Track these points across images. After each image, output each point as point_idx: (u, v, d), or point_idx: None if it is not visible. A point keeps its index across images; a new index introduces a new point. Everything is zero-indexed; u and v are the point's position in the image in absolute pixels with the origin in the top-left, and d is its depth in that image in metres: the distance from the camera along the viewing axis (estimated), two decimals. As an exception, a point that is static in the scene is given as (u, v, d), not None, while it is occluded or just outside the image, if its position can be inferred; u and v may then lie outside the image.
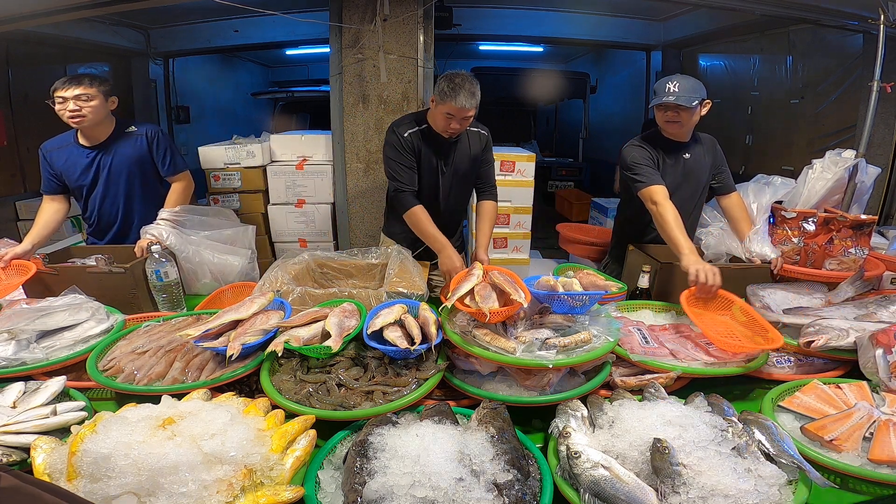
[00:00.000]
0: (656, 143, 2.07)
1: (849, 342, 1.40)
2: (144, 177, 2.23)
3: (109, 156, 2.16)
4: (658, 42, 5.81)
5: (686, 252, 1.73)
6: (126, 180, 2.20)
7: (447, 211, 2.25)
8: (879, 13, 2.67)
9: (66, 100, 1.99)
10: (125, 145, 2.17)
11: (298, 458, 1.01)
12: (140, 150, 2.19)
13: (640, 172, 1.98)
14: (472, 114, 1.96)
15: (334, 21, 3.05)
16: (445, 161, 2.15)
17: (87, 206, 2.26)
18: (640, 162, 2.00)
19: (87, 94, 2.01)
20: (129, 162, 2.18)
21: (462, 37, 5.15)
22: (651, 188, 1.94)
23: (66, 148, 2.16)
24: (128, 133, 2.19)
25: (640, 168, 1.99)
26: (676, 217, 1.84)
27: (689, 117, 1.96)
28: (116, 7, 3.05)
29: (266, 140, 3.40)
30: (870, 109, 2.73)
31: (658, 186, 1.94)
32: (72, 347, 1.43)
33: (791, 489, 0.96)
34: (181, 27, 5.33)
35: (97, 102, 2.04)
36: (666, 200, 1.89)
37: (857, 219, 1.86)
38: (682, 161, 2.07)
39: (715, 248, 2.04)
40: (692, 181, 2.11)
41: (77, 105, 2.00)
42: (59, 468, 0.92)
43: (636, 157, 2.01)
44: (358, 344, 1.40)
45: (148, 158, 2.22)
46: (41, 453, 0.95)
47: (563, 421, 1.11)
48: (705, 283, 1.62)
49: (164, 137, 2.25)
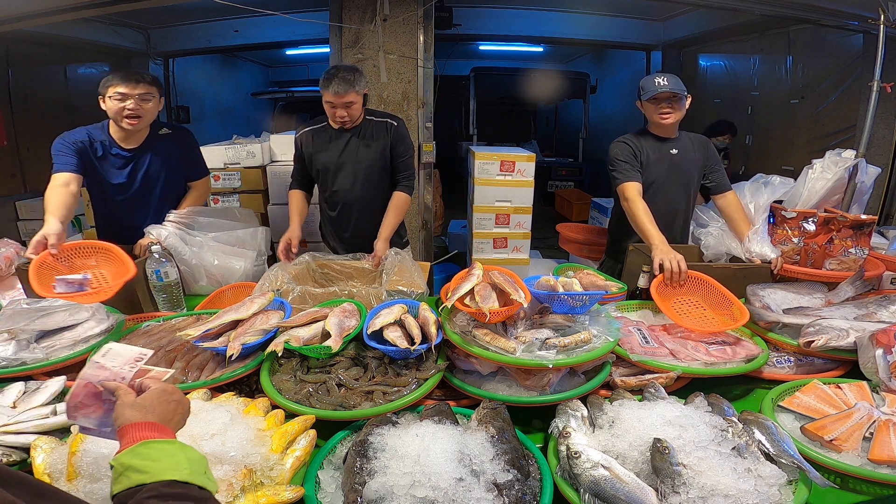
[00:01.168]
0: (642, 139, 2.16)
1: (849, 342, 1.40)
2: (176, 179, 2.19)
3: (146, 159, 2.07)
4: (658, 42, 5.81)
5: (656, 243, 1.84)
6: (162, 184, 2.12)
7: (359, 203, 2.28)
8: (879, 13, 2.67)
9: (126, 97, 1.88)
10: (160, 148, 2.10)
11: (298, 458, 1.01)
12: (174, 152, 2.14)
13: (617, 168, 2.10)
14: (351, 99, 2.06)
15: (334, 21, 3.05)
16: (342, 153, 2.22)
17: (111, 207, 2.13)
18: (620, 158, 2.11)
19: (150, 93, 1.93)
20: (165, 165, 2.11)
21: (462, 37, 5.15)
22: (624, 185, 2.06)
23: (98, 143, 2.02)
24: (161, 135, 2.12)
25: (618, 164, 2.11)
26: (646, 211, 1.97)
27: (681, 107, 2.06)
28: (116, 7, 3.05)
29: (266, 140, 3.40)
30: (870, 109, 2.73)
31: (631, 183, 2.05)
32: (72, 347, 1.43)
33: (791, 489, 0.96)
34: (181, 27, 5.34)
35: (153, 104, 1.97)
36: (637, 197, 2.02)
37: (857, 219, 1.86)
38: (669, 156, 2.14)
39: (715, 248, 2.04)
40: (679, 176, 2.15)
41: (137, 105, 1.90)
42: (59, 468, 0.92)
43: (616, 154, 2.13)
44: (358, 344, 1.40)
45: (179, 162, 2.17)
46: (41, 453, 0.95)
47: (563, 421, 1.11)
48: (670, 270, 1.72)
49: (195, 141, 2.23)
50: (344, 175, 2.24)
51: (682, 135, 2.19)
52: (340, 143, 2.22)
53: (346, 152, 2.22)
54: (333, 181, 2.26)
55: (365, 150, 2.22)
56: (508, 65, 7.61)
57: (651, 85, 2.04)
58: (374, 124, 2.24)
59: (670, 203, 2.16)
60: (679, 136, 2.18)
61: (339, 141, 2.22)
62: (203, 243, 2.04)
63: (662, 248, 1.81)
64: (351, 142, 2.22)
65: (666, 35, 5.70)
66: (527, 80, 6.96)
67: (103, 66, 5.07)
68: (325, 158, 2.24)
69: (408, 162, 2.28)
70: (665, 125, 2.10)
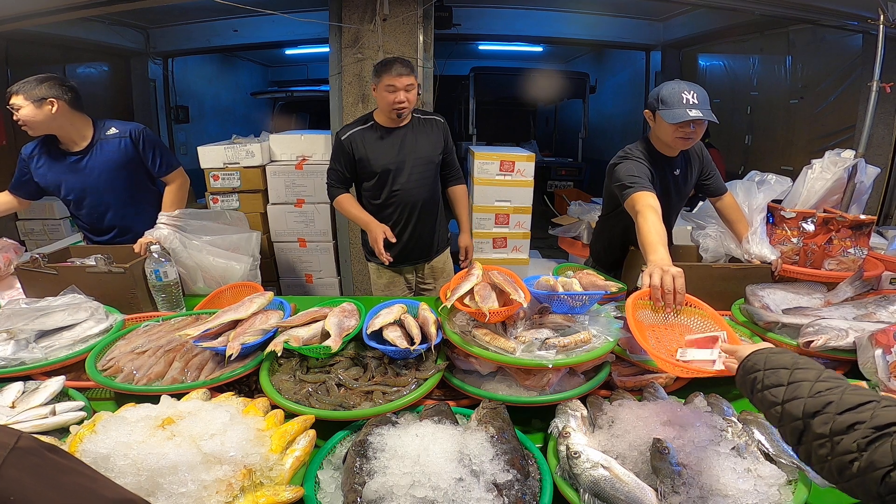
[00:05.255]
0: (648, 158, 1.85)
1: (848, 342, 1.40)
2: (134, 180, 2.13)
3: (93, 162, 2.03)
4: (658, 42, 5.81)
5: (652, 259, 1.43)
6: (114, 186, 2.08)
7: (411, 196, 2.22)
8: (879, 13, 2.67)
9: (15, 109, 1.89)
10: (108, 149, 2.05)
11: (298, 458, 1.01)
12: (126, 152, 2.06)
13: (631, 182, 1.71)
14: (412, 82, 2.05)
15: (334, 21, 3.05)
16: (400, 151, 2.17)
17: (77, 213, 2.16)
18: (635, 173, 1.74)
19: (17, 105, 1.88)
20: (115, 167, 2.06)
21: (462, 37, 5.15)
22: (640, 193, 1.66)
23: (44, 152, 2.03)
24: (108, 135, 2.06)
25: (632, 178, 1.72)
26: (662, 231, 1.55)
27: (703, 129, 1.77)
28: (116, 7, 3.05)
29: (265, 140, 3.40)
30: (869, 109, 2.73)
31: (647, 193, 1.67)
32: (71, 347, 1.43)
33: (791, 489, 0.96)
34: (180, 27, 5.34)
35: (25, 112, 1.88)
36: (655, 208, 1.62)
37: (857, 219, 1.86)
38: (671, 177, 1.94)
39: (714, 249, 2.04)
40: (677, 201, 2.07)
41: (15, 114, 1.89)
42: (58, 468, 0.92)
43: (631, 169, 1.76)
44: (357, 344, 1.40)
45: (136, 160, 2.10)
46: (40, 453, 0.95)
47: (563, 421, 1.11)
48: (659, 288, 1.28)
49: (150, 136, 2.12)
50: (405, 174, 2.17)
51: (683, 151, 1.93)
52: (395, 141, 2.16)
53: (403, 150, 2.16)
54: (394, 181, 2.18)
55: (423, 146, 2.19)
56: (508, 65, 7.61)
57: (677, 102, 1.68)
58: (423, 121, 2.23)
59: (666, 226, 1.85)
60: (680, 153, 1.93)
61: (392, 138, 2.15)
62: (200, 246, 2.03)
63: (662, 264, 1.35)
64: (407, 139, 2.16)
65: (666, 35, 5.70)
66: (526, 80, 6.95)
67: (103, 66, 5.07)
68: (384, 158, 2.15)
69: (455, 157, 2.36)
70: (673, 150, 1.86)
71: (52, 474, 0.54)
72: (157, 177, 2.19)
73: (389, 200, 2.21)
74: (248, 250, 2.20)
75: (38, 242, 3.56)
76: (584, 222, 3.64)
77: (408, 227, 2.26)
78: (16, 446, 0.52)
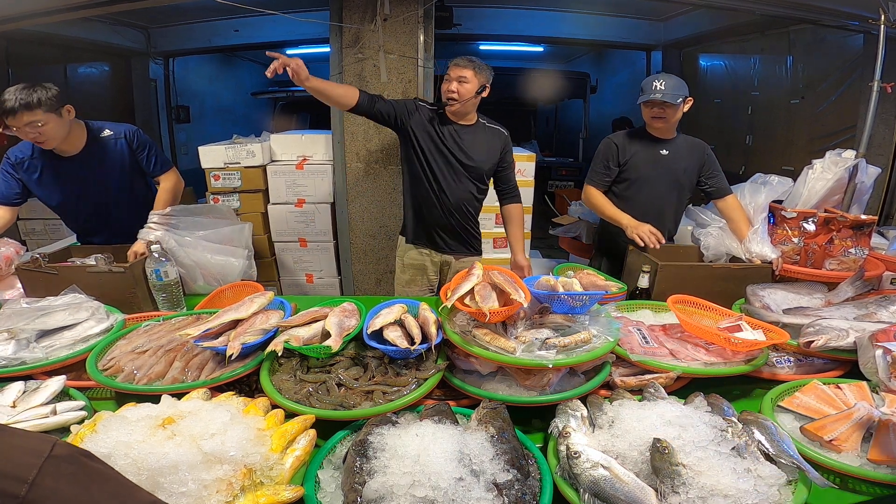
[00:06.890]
0: (634, 138, 2.25)
1: (848, 342, 1.40)
2: (131, 181, 2.13)
3: (91, 165, 2.02)
4: (658, 42, 5.80)
5: (625, 223, 2.06)
6: (113, 188, 2.08)
7: (450, 198, 2.20)
8: (879, 13, 2.66)
9: (18, 129, 1.78)
10: (104, 151, 2.04)
11: (298, 457, 1.01)
12: (122, 153, 2.06)
13: (592, 168, 2.32)
14: (465, 74, 2.11)
15: (334, 21, 3.04)
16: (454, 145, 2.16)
17: (71, 218, 2.15)
18: (598, 158, 2.29)
19: (38, 120, 1.77)
20: (113, 168, 2.05)
21: (462, 36, 5.14)
22: (587, 186, 2.31)
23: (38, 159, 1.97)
24: (104, 137, 2.04)
25: (594, 164, 2.31)
26: (606, 199, 2.23)
27: (673, 113, 2.12)
28: (116, 7, 3.05)
29: (266, 139, 3.40)
30: (870, 109, 2.73)
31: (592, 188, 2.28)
32: (71, 347, 1.43)
33: (791, 489, 0.96)
34: (181, 27, 5.33)
35: (51, 126, 1.81)
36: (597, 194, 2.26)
37: (857, 219, 1.86)
38: (659, 156, 2.20)
39: (715, 248, 2.04)
40: (667, 175, 2.20)
41: (33, 131, 1.78)
42: (58, 468, 0.92)
43: (598, 152, 2.30)
44: (358, 344, 1.40)
45: (131, 161, 2.09)
46: (41, 453, 0.95)
47: (563, 421, 1.11)
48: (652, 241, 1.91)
49: (144, 136, 2.13)
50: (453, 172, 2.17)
51: (679, 137, 2.23)
52: (452, 134, 2.15)
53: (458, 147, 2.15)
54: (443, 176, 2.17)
55: (477, 150, 2.19)
56: (508, 65, 7.59)
57: (648, 87, 2.10)
58: (487, 128, 2.25)
59: (656, 199, 2.22)
60: (676, 137, 2.23)
61: (448, 128, 2.15)
62: (195, 243, 2.02)
63: (632, 223, 2.01)
64: (464, 138, 2.17)
65: (666, 35, 5.69)
66: (527, 80, 6.94)
67: (103, 66, 5.07)
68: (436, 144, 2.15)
69: (512, 174, 2.35)
70: (655, 129, 2.19)
71: (88, 483, 0.53)
72: (152, 176, 2.19)
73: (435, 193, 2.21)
74: (242, 242, 2.20)
75: (38, 242, 3.56)
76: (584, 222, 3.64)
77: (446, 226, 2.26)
78: (51, 454, 0.51)
